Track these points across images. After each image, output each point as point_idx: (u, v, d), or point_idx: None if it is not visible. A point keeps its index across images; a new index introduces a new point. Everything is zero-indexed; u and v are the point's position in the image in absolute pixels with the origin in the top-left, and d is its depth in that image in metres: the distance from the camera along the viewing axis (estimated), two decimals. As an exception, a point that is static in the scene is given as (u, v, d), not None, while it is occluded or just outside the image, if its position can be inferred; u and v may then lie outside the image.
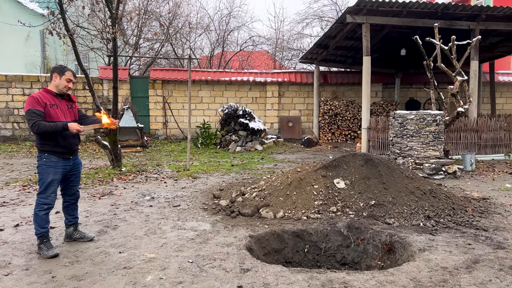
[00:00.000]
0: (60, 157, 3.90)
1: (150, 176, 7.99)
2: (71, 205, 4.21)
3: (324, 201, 5.10)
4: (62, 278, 3.30)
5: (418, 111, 8.48)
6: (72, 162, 4.05)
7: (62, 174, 3.95)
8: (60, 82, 3.91)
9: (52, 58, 16.66)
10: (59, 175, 3.91)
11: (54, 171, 3.87)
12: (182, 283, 3.19)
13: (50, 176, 3.85)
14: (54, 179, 3.88)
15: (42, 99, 3.79)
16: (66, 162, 3.97)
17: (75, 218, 4.24)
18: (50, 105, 3.82)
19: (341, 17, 10.96)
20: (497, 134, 10.63)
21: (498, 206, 5.59)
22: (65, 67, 4.00)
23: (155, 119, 15.30)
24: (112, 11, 8.10)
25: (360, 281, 3.18)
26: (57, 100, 3.92)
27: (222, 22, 22.19)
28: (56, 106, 3.87)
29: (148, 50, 20.62)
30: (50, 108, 3.81)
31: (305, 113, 16.08)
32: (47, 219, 3.91)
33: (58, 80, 3.90)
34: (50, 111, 3.80)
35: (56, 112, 3.85)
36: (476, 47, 10.29)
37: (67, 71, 3.95)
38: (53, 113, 3.82)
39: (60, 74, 3.91)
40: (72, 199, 4.19)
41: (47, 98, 3.84)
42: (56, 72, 3.93)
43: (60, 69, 3.95)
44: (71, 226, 4.21)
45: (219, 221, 4.87)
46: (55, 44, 15.73)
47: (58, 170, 3.90)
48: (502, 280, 3.21)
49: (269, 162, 10.01)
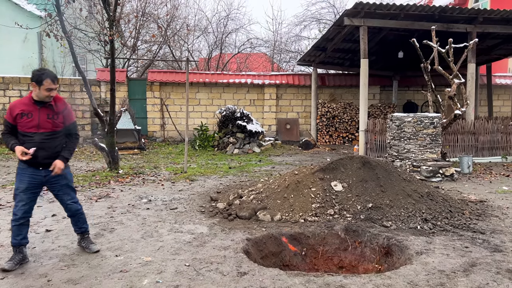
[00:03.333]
0: (28, 165, 3.67)
1: (147, 178, 7.97)
2: (70, 217, 4.03)
3: (321, 204, 5.09)
4: (58, 282, 3.28)
5: (416, 114, 8.50)
6: (46, 173, 3.73)
7: (30, 183, 3.69)
8: (39, 92, 3.62)
9: (50, 60, 16.64)
10: (25, 183, 3.67)
11: (20, 179, 3.69)
12: (178, 286, 3.18)
13: (17, 183, 3.70)
14: (19, 187, 3.69)
15: (15, 109, 3.62)
16: (36, 171, 3.70)
17: (80, 229, 4.04)
18: (22, 114, 3.61)
19: (339, 19, 10.98)
20: (494, 136, 10.65)
21: (495, 209, 5.60)
22: (42, 73, 3.63)
23: (152, 121, 15.28)
24: (110, 13, 8.10)
25: (357, 285, 3.18)
26: (36, 108, 3.65)
27: (220, 24, 22.21)
28: (31, 115, 3.63)
29: (146, 52, 20.62)
30: (21, 118, 3.60)
31: (303, 115, 16.09)
32: (19, 231, 3.69)
33: (37, 91, 3.62)
34: (21, 121, 3.61)
35: (27, 122, 3.62)
36: (473, 50, 10.32)
37: (45, 79, 3.58)
38: (24, 123, 3.62)
39: (38, 85, 3.59)
40: (68, 213, 3.99)
41: (22, 106, 3.63)
42: (33, 81, 3.61)
43: (37, 78, 3.60)
44: (78, 235, 4.09)
45: (216, 224, 4.86)
46: (52, 46, 15.70)
47: (24, 178, 3.68)
48: (499, 283, 3.21)
49: (266, 165, 10.00)
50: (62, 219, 5.07)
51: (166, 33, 19.16)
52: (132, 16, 15.71)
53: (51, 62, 16.54)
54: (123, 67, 18.41)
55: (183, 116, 15.17)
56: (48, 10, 9.40)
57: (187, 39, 21.80)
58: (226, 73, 16.38)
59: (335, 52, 14.44)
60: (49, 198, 6.20)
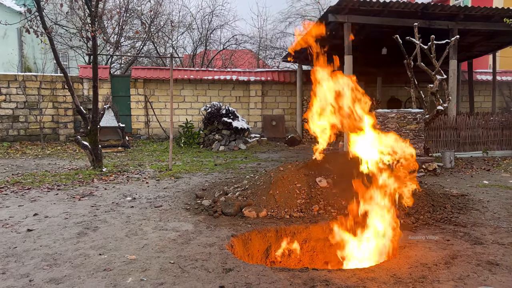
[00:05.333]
0: None
1: (132, 176, 7.89)
2: None
3: (306, 199, 5.12)
4: (40, 282, 3.23)
5: (399, 110, 8.61)
6: None
7: None
8: None
9: (30, 57, 16.32)
10: None
11: None
12: (163, 284, 3.16)
13: None
14: None
15: None
16: None
17: None
18: None
19: (323, 16, 11.02)
20: (475, 131, 10.85)
21: (476, 203, 5.71)
22: None
23: (137, 118, 15.13)
24: (92, 9, 7.96)
25: (341, 279, 3.21)
26: None
27: (204, 21, 22.08)
28: None
29: (129, 48, 20.36)
30: None
31: (288, 112, 16.13)
32: None
33: None
34: None
35: None
36: (454, 47, 10.49)
37: None
38: None
39: None
40: None
41: None
42: None
43: None
44: None
45: (201, 221, 4.84)
46: (33, 42, 15.41)
47: None
48: (479, 275, 3.27)
49: (252, 161, 10.00)
50: (44, 218, 4.99)
51: (150, 29, 18.97)
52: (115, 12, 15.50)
53: (31, 58, 16.21)
54: (106, 63, 18.16)
55: (168, 113, 15.06)
56: (28, 6, 9.18)
57: (171, 36, 21.63)
58: (211, 70, 16.31)
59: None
60: (31, 197, 6.09)
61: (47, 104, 13.77)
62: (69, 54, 18.15)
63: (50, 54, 13.11)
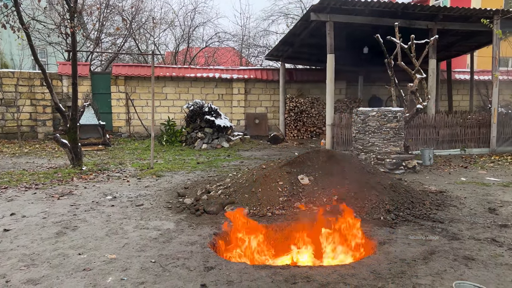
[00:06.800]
0: None
1: (112, 175, 7.78)
2: None
3: (288, 197, 5.14)
4: (17, 283, 3.16)
5: (380, 108, 8.72)
6: None
7: None
8: None
9: (7, 53, 15.90)
10: None
11: None
12: (144, 283, 3.13)
13: None
14: None
15: None
16: None
17: None
18: None
19: (306, 14, 11.08)
20: (453, 130, 11.10)
21: (453, 199, 5.84)
22: None
23: (117, 116, 14.91)
24: (71, 4, 7.80)
25: (322, 275, 3.24)
26: None
27: (187, 18, 22.00)
28: None
29: (110, 45, 20.05)
30: None
31: (271, 110, 16.16)
32: None
33: None
34: None
35: None
36: (434, 46, 10.69)
37: None
38: None
39: None
40: None
41: None
42: None
43: None
44: None
45: (183, 219, 4.81)
46: (10, 38, 15.01)
47: None
48: (456, 269, 3.35)
49: (235, 159, 9.99)
50: (21, 218, 4.88)
51: (131, 26, 18.71)
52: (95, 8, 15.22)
53: (8, 55, 15.80)
54: (86, 60, 17.84)
55: (149, 111, 14.90)
56: (4, 0, 8.93)
57: (153, 32, 21.40)
58: (194, 67, 16.19)
59: (302, 47, 14.55)
60: (8, 196, 5.95)
61: (25, 101, 13.46)
62: (48, 50, 17.76)
63: (27, 50, 12.81)
